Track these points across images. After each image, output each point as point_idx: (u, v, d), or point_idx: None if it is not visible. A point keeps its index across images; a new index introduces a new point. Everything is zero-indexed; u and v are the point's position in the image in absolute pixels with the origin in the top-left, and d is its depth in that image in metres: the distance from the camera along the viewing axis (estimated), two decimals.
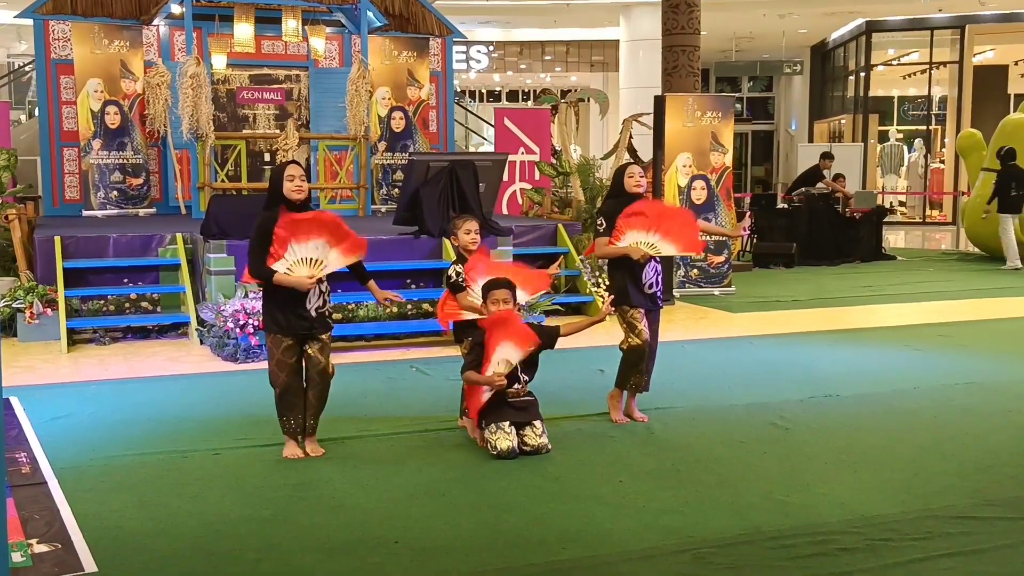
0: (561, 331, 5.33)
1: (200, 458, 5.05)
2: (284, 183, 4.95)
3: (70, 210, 11.54)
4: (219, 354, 7.57)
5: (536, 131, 13.60)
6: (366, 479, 4.74)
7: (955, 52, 22.31)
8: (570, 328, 5.41)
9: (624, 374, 5.70)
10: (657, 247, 5.58)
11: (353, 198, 11.85)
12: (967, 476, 4.75)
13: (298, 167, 5.04)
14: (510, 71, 26.67)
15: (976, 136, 15.86)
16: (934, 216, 23.11)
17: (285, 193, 4.96)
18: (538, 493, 4.52)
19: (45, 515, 4.20)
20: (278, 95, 12.35)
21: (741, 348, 8.14)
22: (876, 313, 10.08)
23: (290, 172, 4.98)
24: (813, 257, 14.24)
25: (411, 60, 12.70)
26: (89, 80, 11.32)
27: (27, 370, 7.19)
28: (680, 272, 11.03)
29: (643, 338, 5.59)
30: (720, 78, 26.24)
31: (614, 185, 5.82)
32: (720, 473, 4.80)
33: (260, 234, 4.94)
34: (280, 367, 5.00)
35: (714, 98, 11.56)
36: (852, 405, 6.13)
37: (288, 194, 4.97)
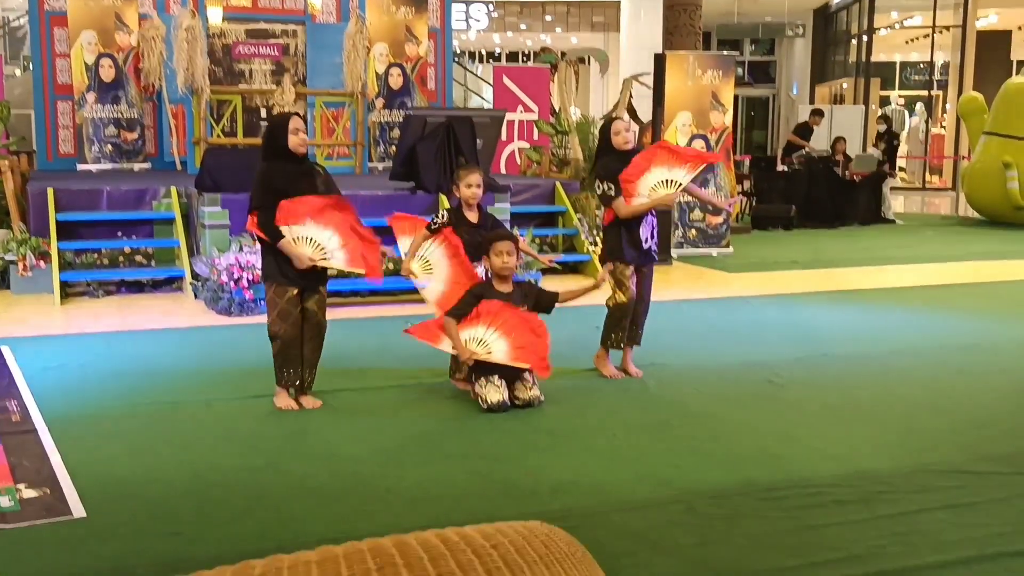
0: (559, 297, 5.28)
1: (192, 408, 5.03)
2: (289, 136, 4.86)
3: (64, 164, 11.45)
4: (213, 308, 7.53)
5: (535, 90, 13.48)
6: (358, 430, 4.72)
7: (958, 16, 22.10)
8: (568, 295, 5.35)
9: (607, 330, 5.69)
10: (678, 180, 5.51)
11: (350, 155, 11.76)
12: (961, 432, 4.73)
13: (300, 119, 4.96)
14: (510, 32, 26.43)
15: (978, 100, 15.75)
16: (934, 181, 23.01)
17: (291, 147, 4.87)
18: (530, 444, 4.51)
19: (34, 462, 4.18)
20: (275, 50, 12.21)
21: (737, 308, 8.11)
22: (873, 275, 10.04)
23: (294, 125, 4.88)
24: (812, 220, 14.19)
25: (409, 16, 12.54)
26: (83, 32, 11.17)
27: (19, 322, 7.15)
28: (678, 232, 10.98)
29: (628, 296, 5.56)
30: (722, 40, 26.01)
31: (601, 142, 5.73)
32: (714, 428, 4.79)
33: (265, 190, 4.85)
34: (283, 317, 4.95)
35: (715, 57, 11.44)
36: (847, 364, 6.11)
37: (295, 148, 4.88)
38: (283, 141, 4.87)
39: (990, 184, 14.29)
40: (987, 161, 14.40)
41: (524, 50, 28.26)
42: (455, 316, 5.06)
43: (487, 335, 5.00)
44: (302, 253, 4.86)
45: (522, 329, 5.00)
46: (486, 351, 4.99)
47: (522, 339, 4.99)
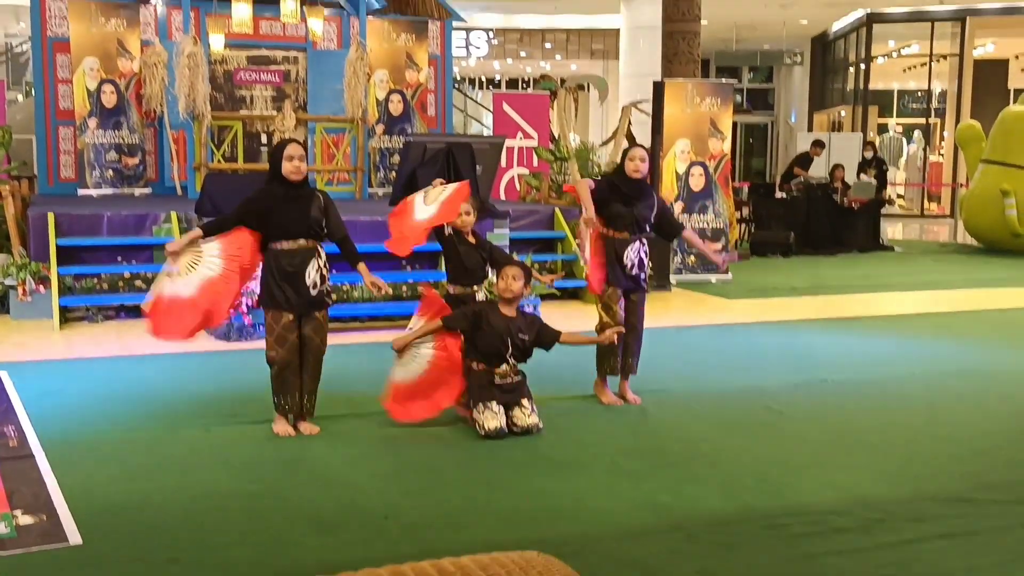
0: (561, 338, 5.26)
1: (190, 434, 5.02)
2: (283, 163, 4.90)
3: (65, 189, 11.47)
4: (212, 333, 7.51)
5: (535, 116, 13.53)
6: (356, 456, 4.71)
7: (955, 45, 22.24)
8: (570, 339, 5.32)
9: (600, 358, 5.70)
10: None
11: (350, 181, 11.80)
12: (961, 459, 4.72)
13: (298, 147, 4.98)
14: (510, 59, 26.58)
15: (975, 128, 15.82)
16: (932, 209, 23.07)
17: (284, 173, 4.92)
18: (529, 471, 4.49)
19: (31, 487, 4.17)
20: (276, 76, 12.28)
21: (737, 334, 8.11)
22: (872, 302, 10.04)
23: (289, 152, 4.92)
24: (810, 246, 14.20)
25: (410, 43, 12.62)
26: (85, 58, 11.24)
27: (18, 347, 7.14)
28: (677, 259, 10.99)
29: (616, 320, 5.56)
30: (721, 68, 26.16)
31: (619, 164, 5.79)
32: (713, 454, 4.77)
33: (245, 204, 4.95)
34: (279, 342, 4.95)
35: (713, 84, 11.50)
36: (847, 390, 6.10)
37: (288, 175, 4.92)
38: (279, 168, 4.91)
39: (988, 211, 14.31)
40: (985, 189, 14.44)
41: (524, 77, 28.42)
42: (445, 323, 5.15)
43: (424, 351, 5.15)
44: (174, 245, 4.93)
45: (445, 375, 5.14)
46: (411, 358, 5.16)
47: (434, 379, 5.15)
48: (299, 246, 4.94)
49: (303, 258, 4.94)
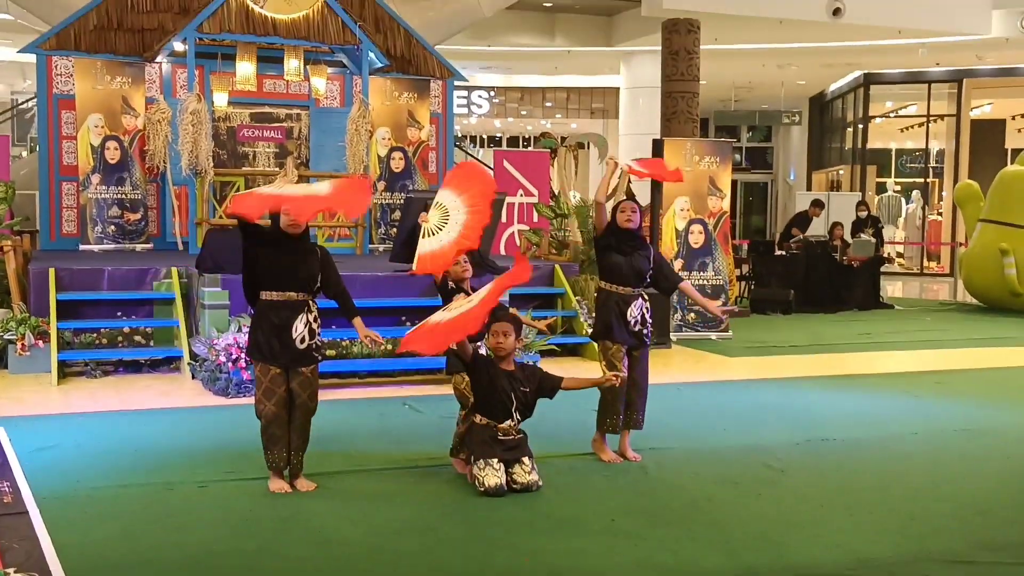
0: (562, 384, 5.25)
1: (186, 490, 4.98)
2: (281, 217, 4.93)
3: (67, 244, 11.51)
4: (211, 388, 7.50)
5: (535, 173, 13.61)
6: (354, 513, 4.67)
7: (952, 105, 22.48)
8: (572, 383, 5.31)
9: (601, 414, 5.68)
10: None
11: (351, 236, 11.84)
12: (964, 520, 4.68)
13: None
14: (511, 117, 26.85)
15: (973, 187, 15.92)
16: (932, 267, 23.13)
17: (281, 226, 4.94)
18: (528, 529, 4.45)
19: (25, 544, 4.12)
20: (279, 133, 12.38)
21: (737, 391, 8.08)
22: (873, 360, 10.03)
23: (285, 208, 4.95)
24: (810, 304, 14.21)
25: (412, 101, 12.76)
26: (90, 115, 11.35)
27: (15, 401, 7.12)
28: (677, 316, 11.00)
29: (622, 378, 5.55)
30: (719, 127, 26.41)
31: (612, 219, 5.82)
32: (713, 513, 4.73)
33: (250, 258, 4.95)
34: (267, 395, 4.93)
35: (712, 143, 11.61)
36: (848, 449, 6.06)
37: (284, 228, 4.94)
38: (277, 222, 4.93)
39: (987, 270, 14.35)
40: (984, 248, 14.49)
41: (524, 135, 28.68)
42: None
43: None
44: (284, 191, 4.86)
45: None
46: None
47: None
48: (288, 298, 4.93)
49: (291, 311, 4.92)
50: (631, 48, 20.26)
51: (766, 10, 15.42)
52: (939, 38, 18.26)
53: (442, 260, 5.16)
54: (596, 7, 19.55)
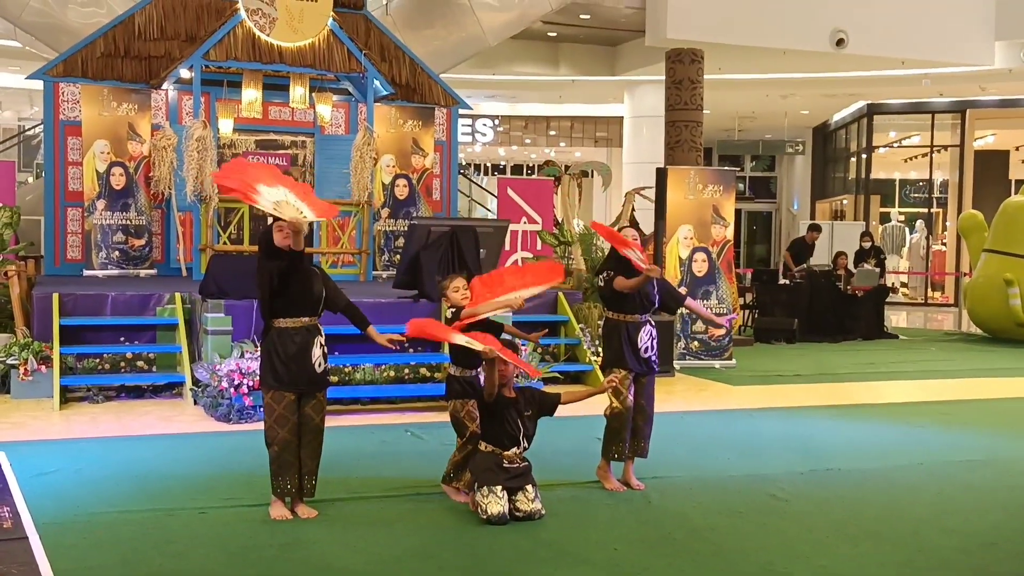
0: (561, 399, 5.26)
1: (186, 516, 4.95)
2: (274, 233, 4.90)
3: (71, 270, 11.53)
4: (212, 414, 7.48)
5: (539, 201, 13.60)
6: (354, 541, 4.63)
7: (956, 136, 22.53)
8: (570, 397, 5.34)
9: (607, 442, 5.65)
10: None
11: (355, 263, 11.85)
12: (970, 552, 4.63)
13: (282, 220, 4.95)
14: (515, 145, 26.94)
15: (978, 217, 15.92)
16: (936, 297, 23.10)
17: (275, 243, 4.90)
18: (530, 558, 4.42)
19: (24, 570, 4.10)
20: (284, 160, 12.43)
21: (741, 420, 8.04)
22: (878, 390, 9.99)
23: (279, 224, 4.92)
24: (814, 333, 14.18)
25: (416, 129, 12.81)
26: (96, 141, 11.40)
27: (17, 426, 7.10)
28: (681, 344, 10.98)
29: (626, 404, 5.54)
30: (723, 156, 26.48)
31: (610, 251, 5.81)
32: (717, 543, 4.69)
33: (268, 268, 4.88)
34: (280, 423, 4.91)
35: (716, 172, 11.63)
36: (853, 479, 6.02)
37: (279, 243, 4.89)
38: (271, 240, 4.92)
39: (992, 300, 14.32)
40: (988, 278, 14.47)
41: (528, 163, 28.76)
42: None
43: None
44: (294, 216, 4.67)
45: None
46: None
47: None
48: (302, 324, 4.94)
49: (306, 336, 4.94)
50: (635, 77, 20.34)
51: (769, 41, 15.48)
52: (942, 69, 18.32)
53: None
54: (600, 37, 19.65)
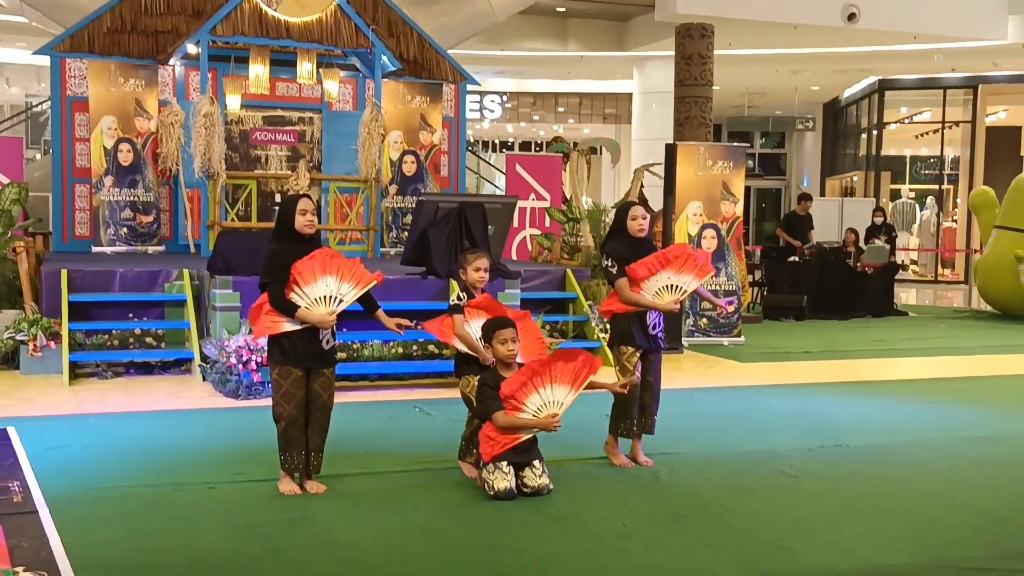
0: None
1: (194, 492, 4.95)
2: (296, 217, 4.92)
3: (80, 246, 11.53)
4: (221, 390, 7.49)
5: (547, 177, 13.59)
6: (362, 516, 4.63)
7: (968, 112, 22.37)
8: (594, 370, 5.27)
9: (615, 418, 5.63)
10: (683, 287, 5.51)
11: (362, 240, 11.82)
12: (981, 528, 4.61)
13: (309, 201, 5.00)
14: (523, 122, 26.85)
15: (989, 194, 15.81)
16: (946, 275, 23.00)
17: (297, 228, 4.93)
18: (538, 534, 4.41)
19: (33, 544, 4.11)
20: (291, 136, 12.39)
21: (750, 397, 8.02)
22: (888, 366, 9.95)
23: (302, 206, 4.94)
24: (823, 311, 14.13)
25: (424, 105, 12.74)
26: (103, 118, 11.37)
27: (27, 402, 7.12)
28: (689, 321, 10.94)
29: (634, 382, 5.51)
30: (732, 133, 26.34)
31: (615, 225, 5.74)
32: (726, 519, 4.68)
33: (276, 267, 4.88)
34: (287, 399, 4.91)
35: (725, 148, 11.55)
36: (863, 455, 6.00)
37: (300, 228, 4.93)
38: (291, 221, 4.92)
39: (1002, 277, 14.24)
40: (999, 254, 14.38)
41: (537, 140, 28.67)
42: (491, 411, 4.97)
43: (548, 396, 4.94)
44: (322, 316, 4.87)
45: (557, 366, 4.96)
46: (560, 405, 4.95)
47: (567, 370, 4.96)
48: None
49: None
50: (644, 53, 20.22)
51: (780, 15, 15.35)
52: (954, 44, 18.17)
53: None
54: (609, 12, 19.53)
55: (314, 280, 4.88)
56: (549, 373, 4.95)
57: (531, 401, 4.92)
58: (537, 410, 4.92)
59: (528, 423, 4.92)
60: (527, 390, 4.91)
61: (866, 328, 13.06)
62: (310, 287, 4.88)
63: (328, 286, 4.91)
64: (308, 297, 4.87)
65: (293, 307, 4.84)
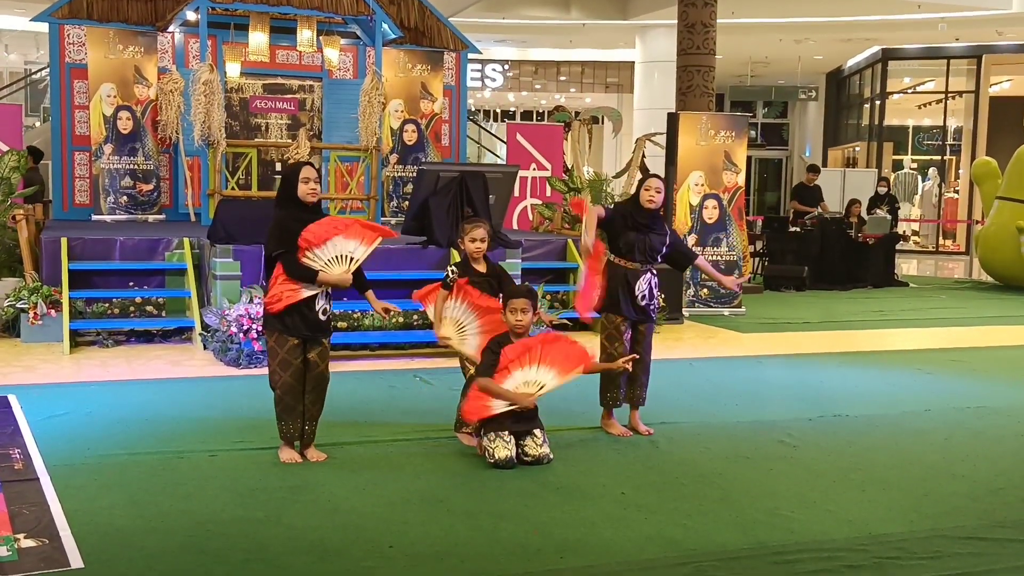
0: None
1: (195, 459, 4.98)
2: (299, 185, 4.90)
3: (79, 214, 11.52)
4: (222, 359, 7.50)
5: (548, 147, 13.54)
6: (363, 484, 4.65)
7: (971, 82, 22.24)
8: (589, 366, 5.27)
9: (603, 389, 5.65)
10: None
11: (363, 209, 11.80)
12: (978, 497, 4.63)
13: (312, 169, 4.98)
14: (525, 91, 26.71)
15: (991, 164, 15.75)
16: (947, 246, 22.97)
17: (300, 195, 4.91)
18: (537, 502, 4.43)
19: (35, 511, 4.13)
20: (291, 104, 12.34)
21: (750, 367, 8.04)
22: (887, 337, 9.96)
23: (305, 174, 4.92)
24: (824, 281, 14.13)
25: (425, 73, 12.68)
26: (102, 85, 11.32)
27: (27, 370, 7.13)
28: (690, 291, 10.94)
29: (620, 351, 5.52)
30: (735, 102, 26.20)
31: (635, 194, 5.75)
32: (724, 488, 4.70)
33: (286, 236, 4.85)
34: (283, 367, 4.91)
35: (728, 117, 11.51)
36: (861, 425, 6.02)
37: (303, 196, 4.91)
38: (294, 190, 4.90)
39: (1004, 248, 14.23)
40: (1001, 225, 14.36)
41: (538, 109, 28.54)
42: (486, 374, 5.00)
43: (533, 374, 4.96)
44: (340, 275, 4.88)
45: (554, 349, 5.01)
46: (539, 388, 4.97)
47: (560, 356, 5.00)
48: None
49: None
50: (647, 21, 20.07)
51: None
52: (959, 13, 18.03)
53: None
54: None
55: (324, 242, 4.87)
56: (544, 352, 4.98)
57: (518, 374, 4.95)
58: (519, 385, 4.95)
59: (504, 394, 4.94)
60: (523, 361, 4.93)
61: (867, 299, 13.06)
62: (322, 249, 4.87)
63: (337, 246, 4.90)
64: (321, 259, 4.86)
65: (311, 272, 4.84)
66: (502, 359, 4.96)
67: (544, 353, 4.99)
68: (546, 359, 4.99)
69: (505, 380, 4.95)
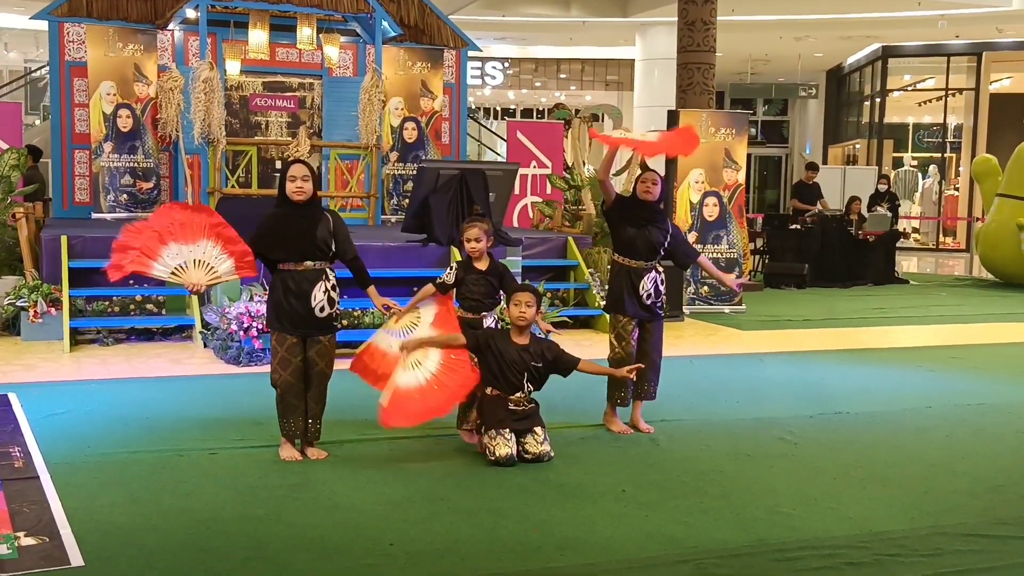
0: (578, 366, 5.17)
1: (196, 457, 4.97)
2: (286, 183, 4.90)
3: (79, 212, 11.52)
4: (222, 357, 7.50)
5: (549, 145, 13.54)
6: (363, 482, 4.65)
7: (971, 79, 22.22)
8: (588, 368, 5.24)
9: (611, 387, 5.66)
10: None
11: (363, 207, 11.80)
12: (978, 495, 4.63)
13: (301, 167, 4.96)
14: (525, 88, 26.69)
15: (992, 161, 15.74)
16: (948, 243, 22.96)
17: (287, 193, 4.91)
18: (538, 499, 4.43)
19: (35, 508, 4.13)
20: (291, 102, 12.33)
21: (750, 365, 8.03)
22: (888, 334, 9.96)
23: (292, 172, 4.91)
24: (825, 279, 14.13)
25: (425, 71, 12.67)
26: (102, 83, 11.31)
27: (28, 368, 7.13)
28: (690, 289, 10.94)
29: (627, 351, 5.51)
30: (735, 100, 26.18)
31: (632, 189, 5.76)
32: (725, 485, 4.70)
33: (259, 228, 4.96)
34: (283, 365, 4.91)
35: (728, 115, 11.50)
36: (862, 422, 6.02)
37: (289, 194, 4.91)
38: (283, 187, 4.91)
39: (1004, 245, 14.22)
40: (1001, 223, 14.35)
41: (538, 106, 28.53)
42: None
43: (429, 355, 5.05)
44: (194, 279, 4.85)
45: (456, 374, 5.04)
46: (418, 365, 5.07)
47: (449, 380, 5.02)
48: (305, 268, 4.91)
49: (310, 280, 4.91)
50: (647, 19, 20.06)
51: None
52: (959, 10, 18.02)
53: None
54: None
55: (190, 242, 4.85)
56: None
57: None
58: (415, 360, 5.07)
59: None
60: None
61: (867, 296, 13.06)
62: (188, 247, 4.85)
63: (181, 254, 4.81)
64: (180, 259, 4.80)
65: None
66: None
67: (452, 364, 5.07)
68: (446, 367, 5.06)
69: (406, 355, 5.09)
